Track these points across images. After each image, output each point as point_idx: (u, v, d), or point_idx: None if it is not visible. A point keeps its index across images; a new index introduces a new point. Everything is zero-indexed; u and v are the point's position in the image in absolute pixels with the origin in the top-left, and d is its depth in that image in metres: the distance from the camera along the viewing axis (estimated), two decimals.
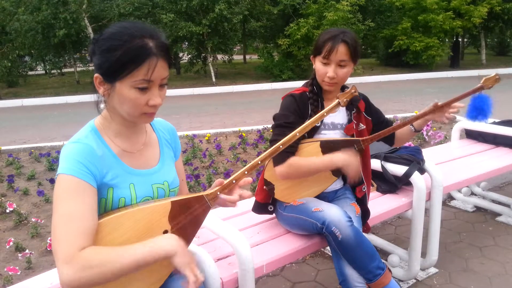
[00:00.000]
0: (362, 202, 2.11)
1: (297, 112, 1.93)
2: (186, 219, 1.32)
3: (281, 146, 1.49)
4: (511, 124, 3.31)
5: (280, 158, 1.88)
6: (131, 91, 1.20)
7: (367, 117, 2.11)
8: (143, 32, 1.20)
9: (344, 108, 2.05)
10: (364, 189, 2.12)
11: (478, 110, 2.10)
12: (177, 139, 1.52)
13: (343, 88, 2.06)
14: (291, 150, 1.90)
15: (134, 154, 1.34)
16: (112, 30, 1.22)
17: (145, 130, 1.41)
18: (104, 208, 1.27)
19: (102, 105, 1.29)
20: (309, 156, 1.94)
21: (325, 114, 1.67)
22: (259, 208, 2.13)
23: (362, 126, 2.08)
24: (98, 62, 1.22)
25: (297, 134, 1.55)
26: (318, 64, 1.94)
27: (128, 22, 1.25)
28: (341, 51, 1.87)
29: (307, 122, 1.61)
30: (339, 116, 2.04)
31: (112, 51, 1.18)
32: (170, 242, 1.20)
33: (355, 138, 2.02)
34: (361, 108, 2.07)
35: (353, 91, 1.83)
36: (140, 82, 1.20)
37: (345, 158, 1.88)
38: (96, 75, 1.23)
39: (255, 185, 3.58)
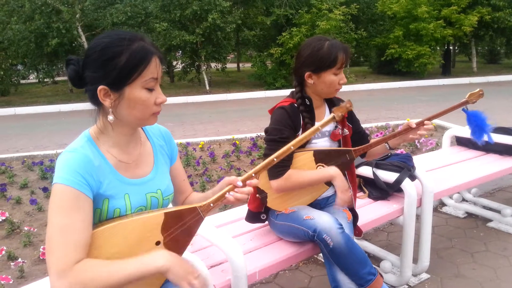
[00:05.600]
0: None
1: (290, 125, 1.95)
2: (178, 230, 1.32)
3: (275, 159, 1.51)
4: (501, 131, 3.35)
5: (276, 172, 1.91)
6: (142, 92, 1.23)
7: (348, 124, 2.15)
8: (134, 36, 1.23)
9: (330, 114, 2.09)
10: (350, 193, 2.15)
11: (481, 128, 2.20)
12: (171, 142, 1.53)
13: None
14: (287, 164, 1.93)
15: (130, 165, 1.34)
16: (104, 40, 1.22)
17: (140, 139, 1.41)
18: (99, 218, 1.28)
19: (110, 117, 1.25)
20: (303, 164, 1.97)
21: (320, 128, 1.70)
22: (252, 217, 2.14)
23: (346, 131, 2.12)
24: (100, 74, 1.21)
25: (292, 147, 1.57)
26: (328, 77, 1.95)
27: (110, 32, 1.26)
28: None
29: (302, 136, 1.64)
30: None
31: (116, 58, 1.19)
32: (162, 259, 1.19)
33: (347, 148, 2.06)
34: (344, 114, 2.10)
35: (348, 105, 1.87)
36: (149, 81, 1.23)
37: (338, 172, 1.95)
38: (100, 87, 1.21)
39: None
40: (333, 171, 1.96)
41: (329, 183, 2.06)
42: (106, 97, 1.23)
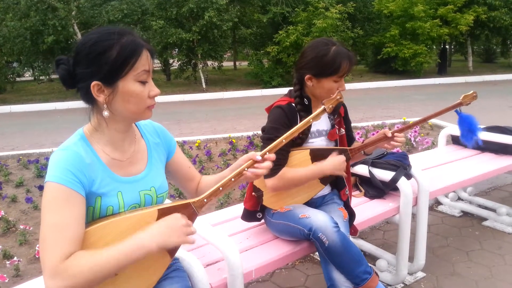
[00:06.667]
0: (346, 205, 2.14)
1: (286, 124, 1.94)
2: None
3: (267, 153, 1.50)
4: (497, 130, 3.37)
5: (271, 171, 1.90)
6: (135, 85, 1.23)
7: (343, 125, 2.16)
8: (123, 30, 1.24)
9: (327, 114, 2.09)
10: (347, 192, 2.16)
11: (471, 132, 2.23)
12: (167, 137, 1.52)
13: None
14: (281, 162, 1.92)
15: (123, 162, 1.34)
16: (93, 36, 1.22)
17: (135, 137, 1.41)
18: (92, 216, 1.27)
19: (106, 112, 1.25)
20: (299, 163, 1.97)
21: (311, 120, 1.69)
22: (248, 215, 2.14)
23: (343, 131, 2.12)
24: (92, 70, 1.20)
25: (283, 140, 1.55)
26: (328, 84, 1.94)
27: (98, 28, 1.26)
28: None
29: (293, 129, 1.62)
30: (323, 122, 2.07)
31: (108, 52, 1.19)
32: (150, 242, 1.19)
33: (343, 147, 2.06)
34: (341, 113, 2.12)
35: (338, 97, 1.85)
36: (142, 74, 1.23)
37: (332, 165, 1.94)
38: (93, 83, 1.20)
39: (244, 192, 3.59)
40: (326, 166, 1.95)
41: (324, 182, 2.07)
42: (100, 93, 1.23)
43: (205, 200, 1.36)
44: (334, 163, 1.95)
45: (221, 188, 1.37)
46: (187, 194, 1.66)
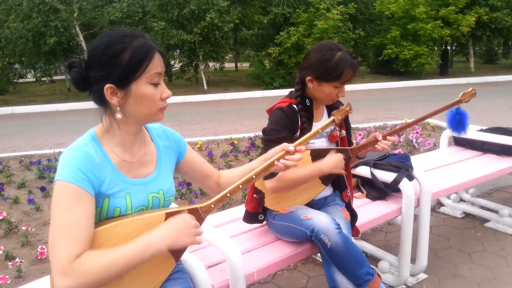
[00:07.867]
0: (348, 206, 2.14)
1: (288, 126, 1.95)
2: None
3: (275, 162, 1.50)
4: (498, 131, 3.36)
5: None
6: (148, 87, 1.24)
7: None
8: (134, 33, 1.25)
9: (327, 115, 2.09)
10: (348, 193, 2.16)
11: (459, 124, 2.24)
12: (176, 138, 1.53)
13: None
14: None
15: (133, 164, 1.35)
16: (105, 39, 1.23)
17: (145, 140, 1.41)
18: (99, 217, 1.28)
19: (119, 115, 1.26)
20: (299, 164, 1.96)
21: (320, 131, 1.70)
22: (250, 217, 2.14)
23: (343, 132, 2.12)
24: (105, 73, 1.21)
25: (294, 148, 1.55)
26: (328, 88, 1.95)
27: (109, 31, 1.27)
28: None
29: (302, 138, 1.63)
30: (323, 124, 2.07)
31: (120, 55, 1.20)
32: (161, 245, 1.20)
33: (344, 147, 2.06)
34: (343, 117, 2.11)
35: (347, 109, 1.87)
36: (154, 76, 1.24)
37: (331, 165, 1.94)
38: (107, 86, 1.21)
39: (245, 194, 3.59)
40: (324, 165, 1.94)
41: (326, 182, 2.06)
42: (113, 95, 1.24)
43: (213, 205, 1.37)
44: (333, 160, 1.95)
45: (228, 194, 1.39)
46: (207, 191, 1.68)
